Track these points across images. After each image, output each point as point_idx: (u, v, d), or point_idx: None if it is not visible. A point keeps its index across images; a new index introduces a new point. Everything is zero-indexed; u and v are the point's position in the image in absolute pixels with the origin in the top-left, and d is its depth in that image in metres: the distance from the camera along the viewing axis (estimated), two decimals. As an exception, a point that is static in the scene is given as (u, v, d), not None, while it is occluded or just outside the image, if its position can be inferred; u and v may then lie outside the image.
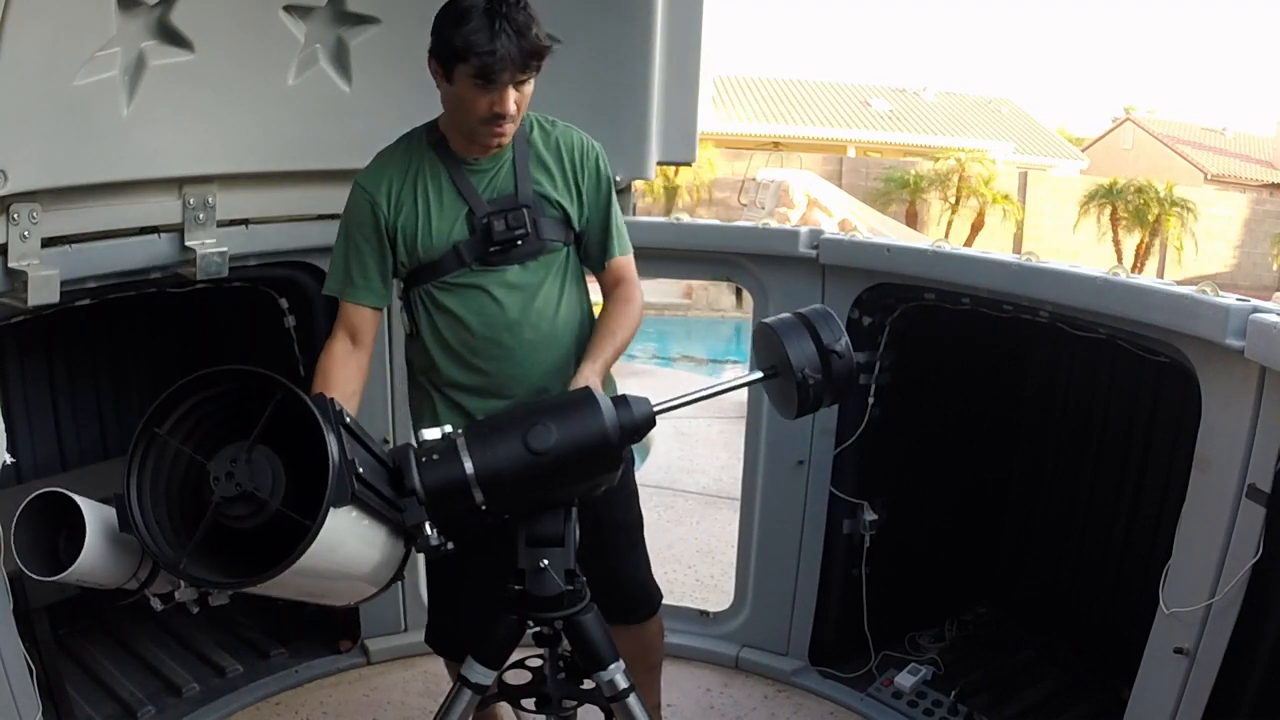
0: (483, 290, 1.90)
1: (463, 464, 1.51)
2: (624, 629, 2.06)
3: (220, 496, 1.23)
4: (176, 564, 1.24)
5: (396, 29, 2.34)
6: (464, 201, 1.89)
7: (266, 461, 1.25)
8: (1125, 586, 2.73)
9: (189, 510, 1.30)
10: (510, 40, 1.69)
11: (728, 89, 24.62)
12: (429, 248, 1.89)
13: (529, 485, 1.56)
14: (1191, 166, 25.92)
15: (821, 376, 1.66)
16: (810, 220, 13.09)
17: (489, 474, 1.51)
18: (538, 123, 1.97)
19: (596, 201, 1.98)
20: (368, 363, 1.97)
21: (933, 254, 2.49)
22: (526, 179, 1.91)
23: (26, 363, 2.87)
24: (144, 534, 1.26)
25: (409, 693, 2.82)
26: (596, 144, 2.00)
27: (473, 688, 1.70)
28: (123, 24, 1.96)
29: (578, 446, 1.55)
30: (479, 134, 1.83)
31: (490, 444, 1.53)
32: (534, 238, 1.90)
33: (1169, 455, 2.54)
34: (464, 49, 1.70)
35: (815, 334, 1.66)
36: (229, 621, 3.05)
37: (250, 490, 1.23)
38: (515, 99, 1.77)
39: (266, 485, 1.24)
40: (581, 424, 1.56)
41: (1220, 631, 1.92)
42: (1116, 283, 2.08)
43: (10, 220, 1.94)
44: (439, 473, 1.51)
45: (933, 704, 2.74)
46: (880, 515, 2.79)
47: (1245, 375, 1.86)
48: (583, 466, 1.58)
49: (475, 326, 1.91)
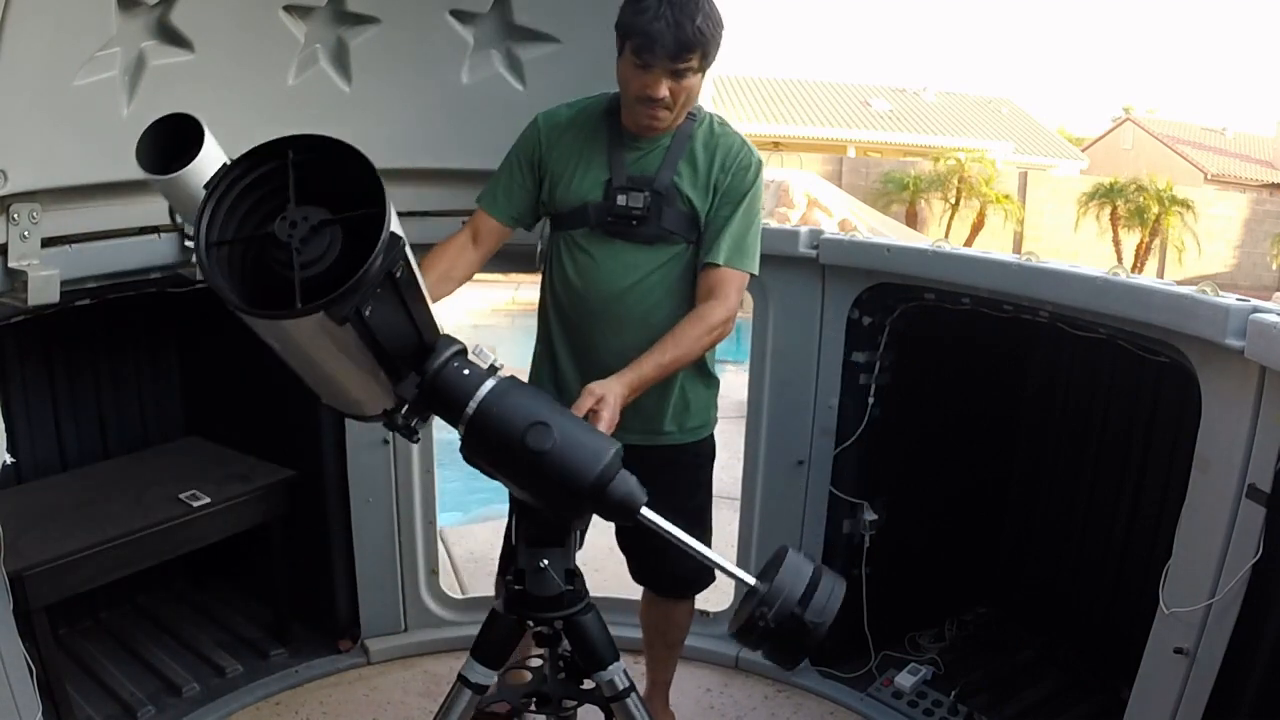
0: (593, 254, 2.03)
1: (472, 396, 1.43)
2: (658, 601, 2.38)
3: (274, 230, 1.22)
4: (207, 245, 1.24)
5: (396, 29, 2.33)
6: (609, 169, 2.00)
7: (331, 235, 1.24)
8: (1125, 586, 2.73)
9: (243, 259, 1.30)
10: (668, 26, 1.77)
11: (728, 89, 24.62)
12: (565, 198, 2.03)
13: (503, 464, 1.48)
14: (1191, 166, 25.92)
15: (774, 626, 1.46)
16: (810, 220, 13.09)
17: (480, 423, 1.44)
18: (711, 123, 2.05)
19: (726, 203, 2.01)
20: (477, 264, 2.10)
21: (933, 254, 2.49)
22: (671, 168, 2.00)
23: (26, 363, 2.87)
24: (203, 211, 1.25)
25: (409, 693, 2.82)
26: (757, 157, 2.06)
27: (473, 687, 1.70)
28: (123, 24, 1.96)
29: (559, 472, 1.44)
30: (635, 112, 1.94)
31: (504, 404, 1.44)
32: (654, 222, 1.99)
33: (1169, 455, 2.54)
34: (628, 25, 1.82)
35: (809, 594, 1.50)
36: (229, 621, 3.06)
37: (294, 243, 1.22)
38: (670, 87, 1.85)
39: (318, 250, 1.23)
40: (578, 459, 1.44)
41: (1220, 631, 1.92)
42: (1116, 283, 2.08)
43: (10, 220, 1.94)
44: (450, 380, 1.44)
45: (933, 704, 2.74)
46: (880, 515, 2.79)
47: (1245, 375, 1.86)
48: (549, 491, 1.48)
49: (576, 283, 2.05)
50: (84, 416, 3.04)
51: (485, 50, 2.45)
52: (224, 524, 2.75)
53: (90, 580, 2.52)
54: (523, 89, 2.47)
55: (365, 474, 2.82)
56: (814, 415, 2.77)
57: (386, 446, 2.81)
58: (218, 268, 1.25)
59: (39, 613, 2.33)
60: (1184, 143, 27.65)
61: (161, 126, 1.51)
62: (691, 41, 1.79)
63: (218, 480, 2.80)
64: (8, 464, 1.78)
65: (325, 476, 2.82)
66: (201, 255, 1.24)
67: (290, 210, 1.23)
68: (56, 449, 2.97)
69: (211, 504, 2.68)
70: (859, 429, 2.72)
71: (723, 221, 2.00)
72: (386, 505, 2.87)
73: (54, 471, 2.92)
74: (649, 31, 1.77)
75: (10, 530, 2.10)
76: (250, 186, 1.28)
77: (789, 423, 2.81)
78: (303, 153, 1.26)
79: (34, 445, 2.89)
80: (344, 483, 2.82)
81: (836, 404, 2.74)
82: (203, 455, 3.04)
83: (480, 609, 2.22)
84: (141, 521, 2.57)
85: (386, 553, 2.91)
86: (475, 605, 3.03)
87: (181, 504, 2.66)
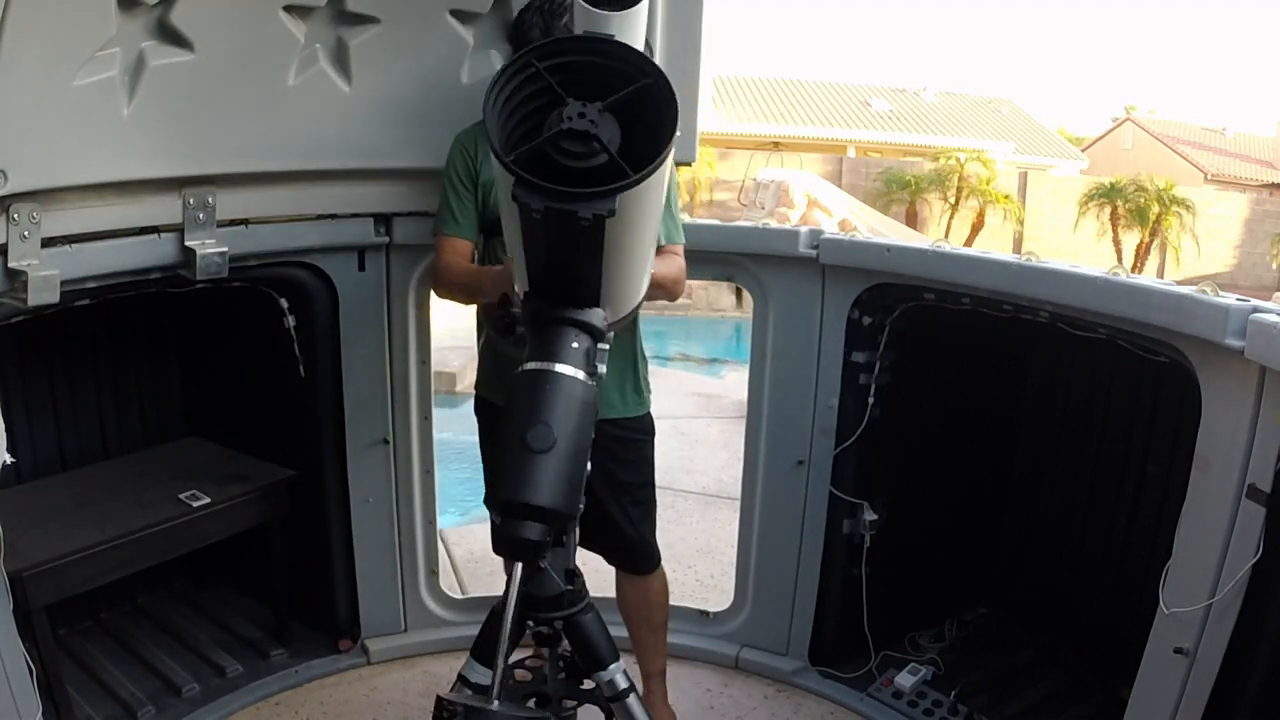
0: None
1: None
2: (627, 580, 2.50)
3: (566, 125, 1.30)
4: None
5: (396, 29, 2.33)
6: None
7: (614, 124, 1.32)
8: (1125, 586, 2.73)
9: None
10: (541, 33, 2.04)
11: (728, 89, 24.64)
12: (498, 203, 2.11)
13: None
14: (1191, 166, 25.93)
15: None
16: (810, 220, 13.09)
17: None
18: None
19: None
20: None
21: (933, 254, 2.49)
22: None
23: (26, 363, 2.87)
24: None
25: (409, 693, 2.82)
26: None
27: (472, 687, 1.70)
28: (123, 24, 1.96)
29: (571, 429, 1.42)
30: None
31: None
32: None
33: (1169, 455, 2.54)
34: (512, 40, 2.11)
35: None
36: (229, 621, 3.06)
37: (594, 132, 1.30)
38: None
39: (610, 137, 1.31)
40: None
41: (1220, 631, 1.92)
42: (1116, 283, 2.08)
43: (10, 220, 1.94)
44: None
45: (933, 704, 2.74)
46: (880, 515, 2.79)
47: (1245, 375, 1.86)
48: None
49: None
50: (84, 416, 3.04)
51: (485, 50, 2.45)
52: (224, 524, 2.75)
53: (90, 580, 2.52)
54: (523, 89, 2.47)
55: (365, 474, 2.82)
56: (814, 415, 2.77)
57: (386, 446, 2.81)
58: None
59: (39, 613, 2.33)
60: (1184, 143, 27.66)
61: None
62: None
63: (218, 480, 2.80)
64: (8, 464, 1.78)
65: (325, 476, 2.82)
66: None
67: (571, 105, 1.31)
68: (56, 449, 2.97)
69: (211, 504, 2.69)
70: (859, 429, 2.72)
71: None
72: (386, 505, 2.87)
73: (54, 471, 2.92)
74: (528, 39, 2.04)
75: (10, 530, 2.09)
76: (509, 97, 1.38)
77: (789, 423, 2.81)
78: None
79: (34, 445, 2.89)
80: (344, 483, 2.82)
81: (836, 404, 2.74)
82: (203, 455, 3.04)
83: (480, 609, 2.22)
84: (141, 521, 2.57)
85: (386, 553, 2.91)
86: (475, 605, 3.03)
87: (181, 504, 2.66)
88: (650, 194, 1.38)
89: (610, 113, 1.32)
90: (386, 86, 2.40)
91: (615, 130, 1.32)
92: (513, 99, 1.37)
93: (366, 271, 2.68)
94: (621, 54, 1.35)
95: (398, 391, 2.79)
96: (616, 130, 1.32)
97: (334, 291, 2.66)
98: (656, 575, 2.51)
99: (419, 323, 2.79)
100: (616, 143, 1.32)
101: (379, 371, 2.76)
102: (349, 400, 2.75)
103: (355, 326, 2.71)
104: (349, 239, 2.62)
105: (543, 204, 1.29)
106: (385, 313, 2.73)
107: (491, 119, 1.35)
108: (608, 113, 1.32)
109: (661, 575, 2.52)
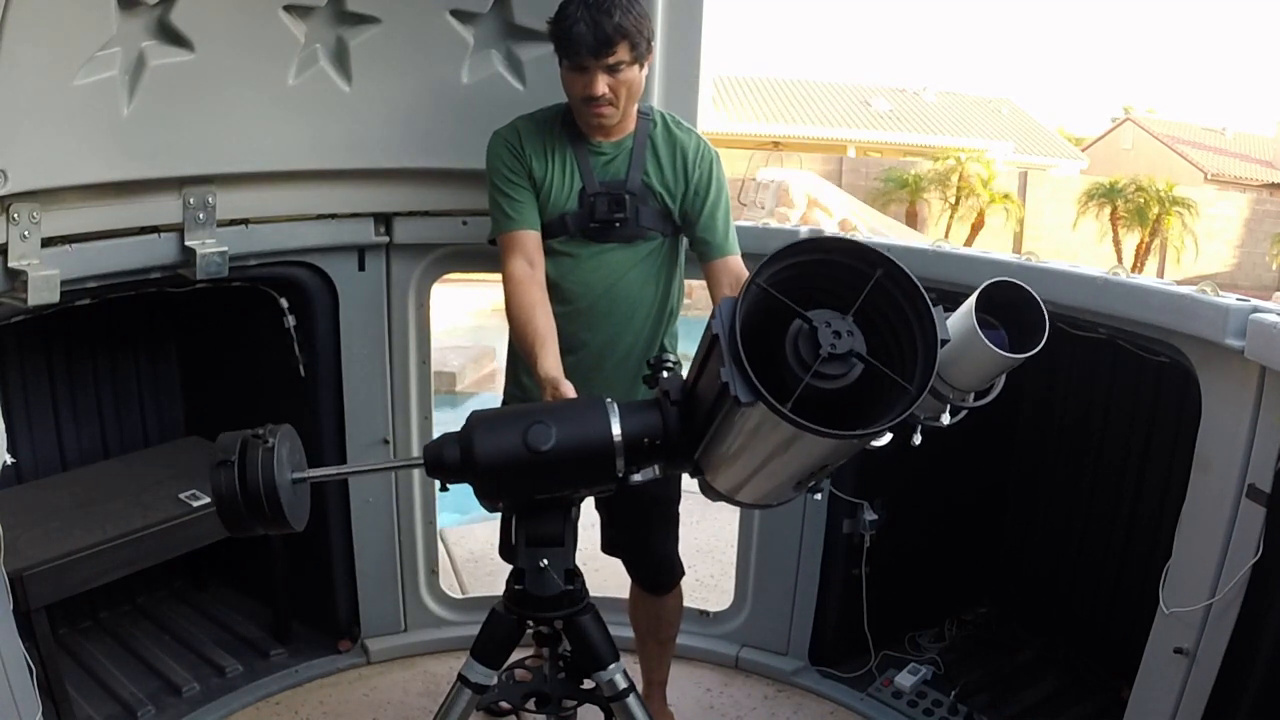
0: (575, 256, 2.10)
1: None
2: (644, 598, 2.44)
3: (828, 353, 1.20)
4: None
5: (396, 29, 2.33)
6: (581, 178, 2.07)
7: (858, 330, 1.23)
8: (1125, 586, 2.73)
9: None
10: (588, 28, 1.86)
11: (728, 89, 24.61)
12: (544, 209, 2.08)
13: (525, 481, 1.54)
14: (1191, 166, 25.91)
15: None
16: (810, 220, 13.10)
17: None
18: (665, 121, 2.13)
19: (704, 195, 2.11)
20: (544, 281, 2.10)
21: (933, 254, 2.49)
22: (639, 169, 2.09)
23: (26, 363, 2.87)
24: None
25: (409, 693, 2.82)
26: (713, 150, 2.15)
27: (472, 687, 1.70)
28: (123, 24, 1.96)
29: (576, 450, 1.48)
30: (583, 114, 2.01)
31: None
32: (633, 223, 2.09)
33: (1169, 455, 2.54)
34: (554, 35, 1.92)
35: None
36: (229, 621, 3.06)
37: (854, 351, 1.21)
38: (608, 83, 1.93)
39: (863, 349, 1.22)
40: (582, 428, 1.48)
41: (1220, 631, 1.93)
42: (1116, 283, 2.08)
43: (10, 220, 1.94)
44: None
45: (933, 704, 2.74)
46: (880, 515, 2.79)
47: (1245, 375, 1.86)
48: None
49: (560, 284, 2.10)
50: (84, 416, 3.04)
51: (485, 50, 2.45)
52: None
53: (90, 580, 2.52)
54: (523, 89, 2.47)
55: (365, 474, 2.82)
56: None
57: (386, 446, 2.81)
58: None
59: (39, 613, 2.33)
60: (1184, 143, 27.63)
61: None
62: (611, 36, 1.88)
63: (218, 480, 2.80)
64: (8, 464, 1.78)
65: (325, 476, 2.82)
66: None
67: (822, 330, 1.21)
68: (56, 449, 2.97)
69: (211, 504, 2.68)
70: (859, 429, 2.71)
71: (712, 212, 2.12)
72: (386, 505, 2.87)
73: (54, 471, 2.92)
74: (571, 35, 1.88)
75: (10, 530, 2.10)
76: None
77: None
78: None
79: (34, 445, 2.89)
80: (344, 482, 2.82)
81: (836, 404, 2.73)
82: (203, 455, 3.04)
83: (480, 609, 2.22)
84: (141, 521, 2.57)
85: (386, 553, 2.91)
86: (475, 605, 3.03)
87: (181, 504, 2.67)
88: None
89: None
90: (386, 86, 2.40)
91: (860, 336, 1.22)
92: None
93: (367, 271, 2.68)
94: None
95: (398, 391, 2.79)
96: (861, 336, 1.22)
97: (334, 291, 2.66)
98: (674, 593, 2.46)
99: (419, 323, 2.79)
100: (864, 348, 1.21)
101: (379, 371, 2.76)
102: (349, 400, 2.75)
103: (355, 326, 2.71)
104: (349, 239, 2.62)
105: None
106: (385, 313, 2.74)
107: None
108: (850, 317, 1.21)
109: (678, 593, 2.47)
